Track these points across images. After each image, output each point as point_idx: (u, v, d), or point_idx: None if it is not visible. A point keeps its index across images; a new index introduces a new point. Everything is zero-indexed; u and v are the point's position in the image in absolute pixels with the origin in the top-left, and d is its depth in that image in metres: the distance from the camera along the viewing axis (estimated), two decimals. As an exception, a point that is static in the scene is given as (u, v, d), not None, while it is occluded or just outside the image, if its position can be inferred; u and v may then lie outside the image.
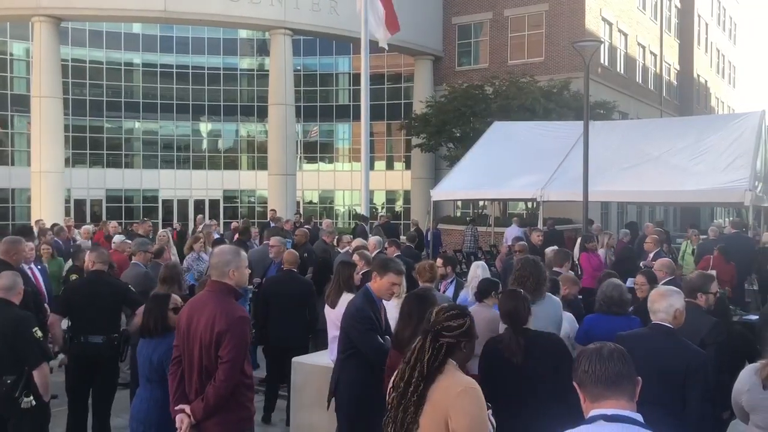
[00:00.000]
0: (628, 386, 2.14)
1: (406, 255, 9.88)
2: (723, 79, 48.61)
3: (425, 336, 3.01)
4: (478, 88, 23.79)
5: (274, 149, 26.90)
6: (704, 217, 31.96)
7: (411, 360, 2.97)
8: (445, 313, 3.04)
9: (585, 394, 2.18)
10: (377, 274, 4.64)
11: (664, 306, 3.95)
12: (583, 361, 2.20)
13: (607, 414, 2.07)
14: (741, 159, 13.46)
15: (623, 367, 2.15)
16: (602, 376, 2.13)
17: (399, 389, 2.96)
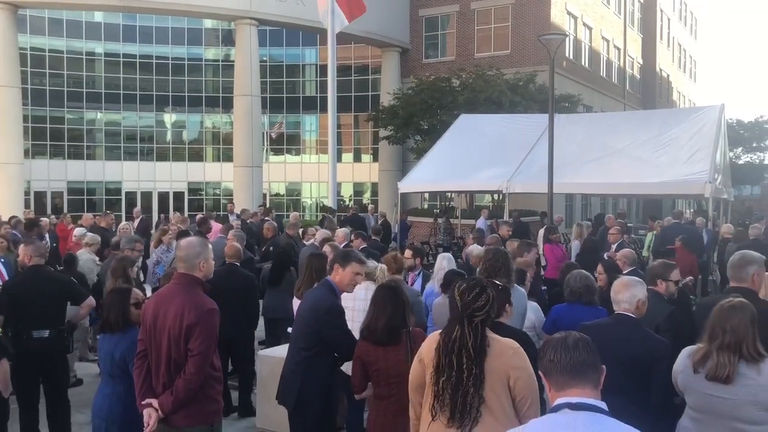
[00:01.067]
0: (593, 375, 2.17)
1: (372, 248, 9.88)
2: (684, 74, 49.54)
3: (460, 323, 3.15)
4: (445, 81, 23.85)
5: (239, 141, 26.64)
6: (666, 208, 32.57)
7: (454, 348, 3.12)
8: (469, 294, 3.18)
9: (550, 382, 2.20)
10: (339, 266, 4.57)
11: (627, 296, 4.02)
12: (549, 350, 2.22)
13: (572, 402, 2.10)
14: (701, 152, 13.74)
15: (588, 356, 2.18)
16: (567, 365, 2.15)
17: (451, 378, 3.10)
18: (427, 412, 3.22)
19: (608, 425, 2.04)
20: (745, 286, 4.27)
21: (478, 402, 3.07)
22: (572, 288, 5.35)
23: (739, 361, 3.22)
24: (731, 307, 3.34)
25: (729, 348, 3.24)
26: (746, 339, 3.22)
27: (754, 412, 3.19)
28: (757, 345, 3.22)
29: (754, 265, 4.37)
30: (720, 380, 3.25)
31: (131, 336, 4.26)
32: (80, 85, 34.00)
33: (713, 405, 3.33)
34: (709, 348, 3.31)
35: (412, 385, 3.43)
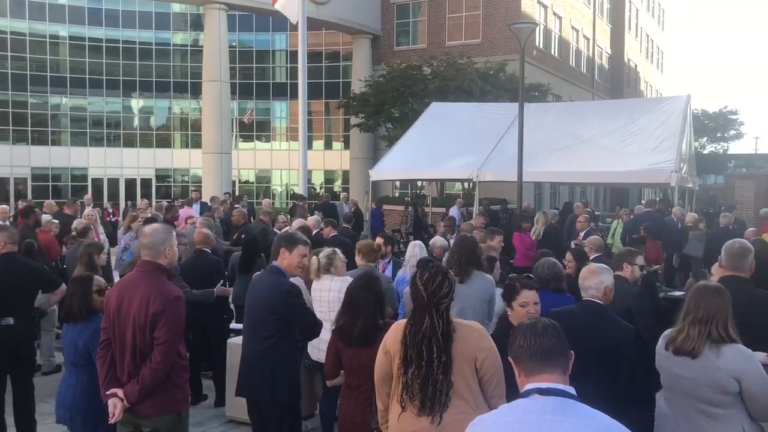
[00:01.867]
0: (561, 361, 2.19)
1: (343, 235, 9.87)
2: (651, 64, 50.20)
3: (428, 312, 3.16)
4: (417, 69, 23.83)
5: (208, 127, 26.32)
6: (632, 197, 33.09)
7: (423, 339, 3.13)
8: (433, 283, 3.19)
9: (520, 368, 2.22)
10: (285, 250, 4.53)
11: (594, 283, 4.07)
12: (518, 336, 2.24)
13: (541, 388, 2.12)
14: (668, 141, 13.95)
15: (557, 342, 2.19)
16: (537, 350, 2.17)
17: (421, 368, 3.11)
18: (396, 403, 3.23)
19: (577, 410, 2.06)
20: (742, 275, 4.34)
21: (447, 388, 3.10)
22: (540, 275, 5.40)
23: (706, 340, 3.29)
24: (712, 288, 3.43)
25: (700, 322, 3.31)
26: (717, 317, 3.29)
27: (711, 394, 3.27)
28: (727, 327, 3.29)
29: (751, 254, 4.46)
30: (686, 353, 3.32)
31: (95, 324, 4.17)
32: (44, 69, 33.24)
33: (678, 384, 3.41)
34: (683, 324, 3.40)
35: (378, 376, 3.42)
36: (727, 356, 3.24)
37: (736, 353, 3.25)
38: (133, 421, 3.79)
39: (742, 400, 3.26)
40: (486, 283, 5.45)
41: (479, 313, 5.36)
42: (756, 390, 3.20)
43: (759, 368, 3.25)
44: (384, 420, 3.40)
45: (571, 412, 2.04)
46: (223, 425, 6.25)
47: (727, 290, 3.41)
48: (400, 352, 3.19)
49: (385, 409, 3.39)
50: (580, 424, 1.99)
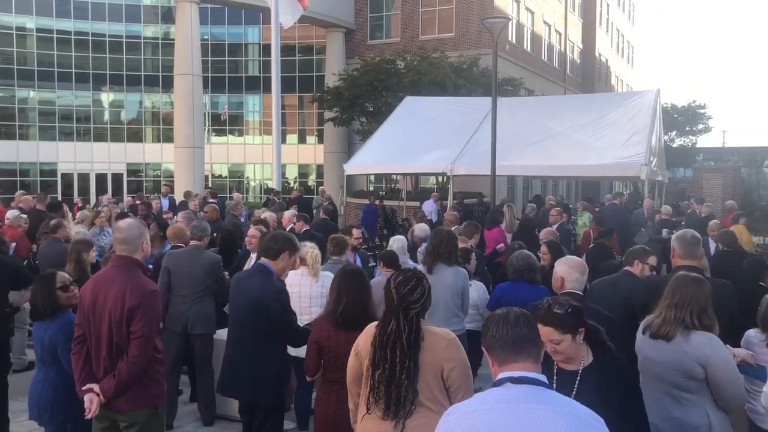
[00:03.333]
0: (533, 349, 2.21)
1: (322, 227, 9.87)
2: (622, 59, 50.77)
3: (396, 316, 3.16)
4: (390, 63, 23.83)
5: (180, 121, 26.05)
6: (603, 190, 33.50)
7: (389, 342, 3.13)
8: (405, 287, 3.19)
9: (493, 358, 2.25)
10: (288, 254, 4.56)
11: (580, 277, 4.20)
12: (491, 326, 2.27)
13: (513, 376, 2.15)
14: (638, 135, 14.18)
15: (528, 331, 2.23)
16: (508, 340, 2.20)
17: (385, 370, 3.12)
18: (363, 404, 3.26)
19: (548, 397, 2.10)
20: (695, 263, 4.45)
21: (412, 395, 3.10)
22: (514, 267, 5.49)
23: (680, 325, 3.39)
24: (692, 277, 3.54)
25: (676, 307, 3.42)
26: (692, 305, 3.39)
27: (678, 378, 3.37)
28: (701, 315, 3.39)
29: (701, 242, 4.60)
30: (661, 337, 3.42)
31: (60, 321, 4.16)
32: (10, 62, 32.54)
33: (650, 367, 3.53)
34: (660, 309, 3.51)
35: (349, 377, 3.44)
36: (694, 342, 3.34)
37: (704, 340, 3.35)
38: (109, 416, 3.78)
39: (708, 387, 3.36)
40: (458, 275, 5.51)
41: (450, 305, 5.43)
42: (720, 378, 3.30)
43: (725, 356, 3.35)
44: (356, 419, 3.44)
45: (543, 399, 2.08)
46: (197, 420, 6.23)
47: (706, 284, 3.50)
48: (370, 354, 3.22)
49: (356, 409, 3.43)
50: (551, 411, 2.03)
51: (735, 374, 3.37)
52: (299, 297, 5.55)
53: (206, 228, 6.54)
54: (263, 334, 4.39)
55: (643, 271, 5.21)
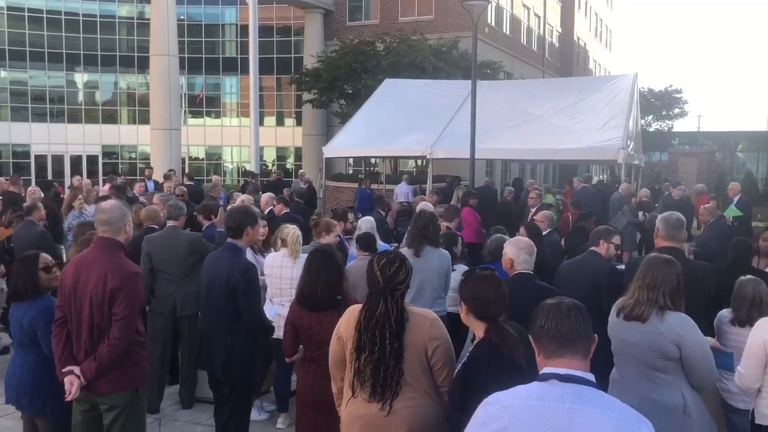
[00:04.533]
0: (583, 344, 2.11)
1: (295, 210, 9.85)
2: (600, 43, 51.01)
3: (383, 298, 3.15)
4: (369, 45, 23.69)
5: (156, 102, 25.72)
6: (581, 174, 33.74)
7: (377, 325, 3.13)
8: (390, 268, 3.19)
9: (540, 348, 2.15)
10: (250, 227, 4.63)
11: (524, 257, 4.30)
12: (540, 315, 2.16)
13: (560, 374, 2.06)
14: (615, 119, 14.28)
15: (580, 325, 2.11)
16: (557, 333, 2.10)
17: (373, 354, 3.12)
18: (348, 388, 3.26)
19: (595, 399, 2.02)
20: (677, 246, 4.52)
21: (398, 375, 3.12)
22: (490, 249, 5.57)
23: (653, 306, 3.45)
24: (662, 259, 3.59)
25: (648, 288, 3.48)
26: (663, 285, 3.45)
27: (654, 358, 3.43)
28: (673, 295, 3.45)
29: (685, 226, 4.67)
30: (635, 318, 3.48)
31: (41, 303, 4.10)
32: (-20, 41, 31.86)
33: (626, 349, 3.57)
34: (633, 291, 3.56)
35: (332, 360, 3.45)
36: (669, 322, 3.41)
37: (678, 320, 3.41)
38: (89, 398, 3.76)
39: (682, 367, 3.42)
40: (442, 257, 5.55)
41: (437, 287, 5.47)
42: (694, 357, 3.36)
43: (699, 337, 3.41)
44: (340, 402, 3.44)
45: (590, 401, 1.99)
46: (176, 403, 6.22)
47: (675, 264, 3.56)
48: (354, 338, 3.21)
49: (339, 392, 3.44)
50: (597, 414, 1.95)
51: (708, 354, 3.43)
52: (280, 278, 5.54)
53: (182, 207, 6.45)
54: (233, 311, 4.46)
55: (608, 250, 5.35)
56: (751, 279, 4.23)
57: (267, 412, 5.99)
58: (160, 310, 5.97)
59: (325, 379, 3.68)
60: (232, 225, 4.60)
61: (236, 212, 4.73)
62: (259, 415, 5.91)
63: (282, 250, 5.62)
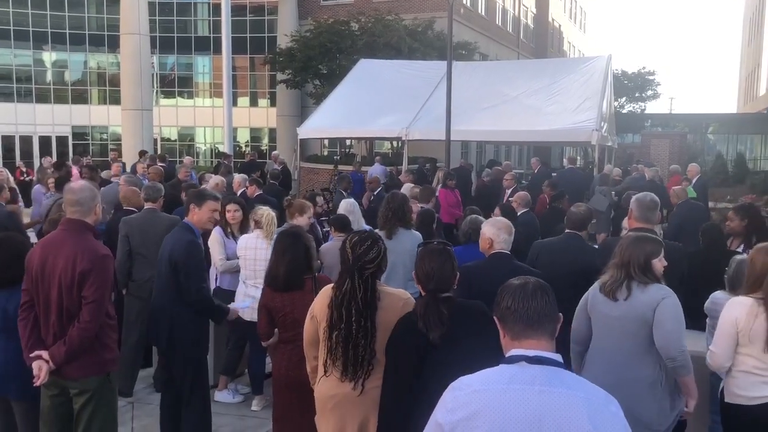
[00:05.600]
0: (550, 325, 2.09)
1: (269, 192, 9.76)
2: (575, 24, 51.15)
3: (351, 275, 3.15)
4: (344, 24, 23.48)
5: (127, 82, 25.30)
6: (554, 155, 33.98)
7: (343, 301, 3.13)
8: (360, 247, 3.17)
9: (506, 330, 2.12)
10: (195, 206, 4.59)
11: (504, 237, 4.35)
12: (506, 296, 2.13)
13: (528, 355, 2.03)
14: (589, 101, 14.37)
15: (546, 306, 2.10)
16: (524, 314, 2.07)
17: (341, 330, 3.12)
18: (322, 367, 3.26)
19: (565, 380, 2.00)
20: (651, 226, 4.55)
21: (370, 355, 3.11)
22: (463, 230, 5.58)
23: (632, 281, 3.52)
24: (633, 237, 3.69)
25: (623, 265, 3.55)
26: (633, 261, 3.52)
27: (637, 329, 3.49)
28: (645, 270, 3.51)
29: (658, 207, 4.70)
30: (611, 295, 3.55)
31: None
32: (-56, 18, 30.96)
33: (608, 324, 3.63)
34: (610, 269, 3.64)
35: (306, 339, 3.43)
36: (650, 291, 3.49)
37: (658, 289, 3.49)
38: (59, 383, 3.68)
39: None
40: (414, 238, 5.53)
41: (409, 269, 5.45)
42: (664, 317, 3.41)
43: (675, 302, 3.46)
44: (313, 381, 3.44)
45: (560, 382, 1.98)
46: (150, 386, 6.16)
47: (647, 239, 3.62)
48: (327, 316, 3.21)
49: (314, 372, 3.44)
50: (568, 395, 1.95)
51: (679, 317, 3.46)
52: (254, 260, 5.48)
53: (160, 189, 6.34)
54: (176, 286, 4.49)
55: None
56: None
57: (242, 395, 5.96)
58: (139, 294, 5.83)
59: (300, 360, 3.68)
60: (185, 205, 4.67)
61: (188, 193, 4.78)
62: (234, 398, 5.89)
63: (256, 232, 5.56)
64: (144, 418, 5.55)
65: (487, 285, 3.76)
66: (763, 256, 3.55)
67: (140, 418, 5.59)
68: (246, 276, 5.56)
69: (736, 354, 3.57)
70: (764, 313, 3.44)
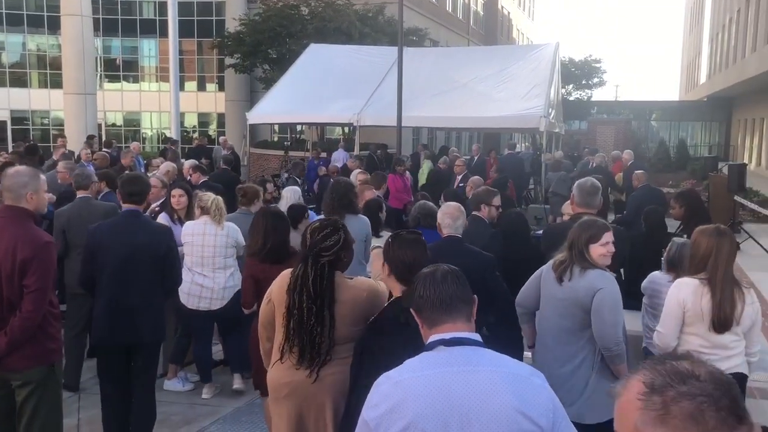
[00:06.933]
0: (465, 307, 2.09)
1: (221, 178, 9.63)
2: (523, 12, 51.71)
3: (305, 260, 3.13)
4: (294, 9, 23.20)
5: (69, 66, 24.50)
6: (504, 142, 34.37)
7: (297, 286, 3.12)
8: (319, 234, 3.16)
9: (422, 319, 2.11)
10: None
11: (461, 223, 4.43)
12: (418, 285, 2.14)
13: (445, 338, 2.01)
14: (537, 88, 14.56)
15: (457, 289, 2.10)
16: (437, 300, 2.07)
17: (295, 316, 3.11)
18: (277, 352, 3.24)
19: (485, 357, 1.99)
20: (592, 211, 4.61)
21: (327, 344, 3.10)
22: (413, 215, 5.62)
23: (574, 265, 3.60)
24: (578, 222, 3.78)
25: (569, 248, 3.65)
26: (575, 244, 3.61)
27: (576, 312, 3.57)
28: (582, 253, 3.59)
29: (600, 191, 4.77)
30: (561, 275, 3.63)
31: None
32: None
33: (552, 304, 3.73)
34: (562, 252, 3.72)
35: (261, 321, 3.42)
36: (589, 277, 3.56)
37: (598, 276, 3.56)
38: (1, 375, 3.58)
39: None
40: (361, 223, 5.55)
41: (359, 253, 5.48)
42: (602, 307, 3.49)
43: (614, 288, 3.56)
44: (266, 363, 3.44)
45: (479, 360, 1.97)
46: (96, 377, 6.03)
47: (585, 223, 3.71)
48: (286, 301, 3.19)
49: (266, 355, 3.43)
50: (490, 371, 1.94)
51: (617, 308, 3.54)
52: (201, 246, 5.40)
53: (89, 175, 6.06)
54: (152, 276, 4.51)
55: (490, 213, 5.44)
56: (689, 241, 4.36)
57: (192, 383, 5.90)
58: (78, 290, 5.59)
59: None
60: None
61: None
62: (184, 387, 5.82)
63: (203, 218, 5.47)
64: (91, 409, 5.44)
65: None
66: (706, 238, 3.65)
67: (87, 408, 5.47)
68: (192, 263, 5.45)
69: (681, 334, 3.68)
70: (709, 293, 3.55)
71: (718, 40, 36.72)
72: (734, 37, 31.00)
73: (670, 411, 1.14)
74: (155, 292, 4.43)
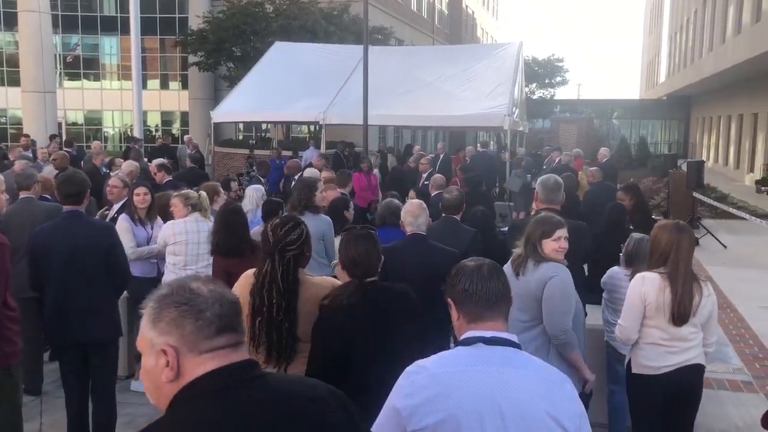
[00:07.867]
0: (505, 306, 2.10)
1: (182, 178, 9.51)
2: (488, 11, 52.13)
3: (271, 257, 3.12)
4: (258, 6, 23.05)
5: (27, 63, 23.96)
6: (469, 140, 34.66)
7: (265, 283, 3.10)
8: (281, 229, 3.15)
9: (462, 313, 2.09)
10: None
11: (424, 219, 4.48)
12: (462, 278, 2.10)
13: (486, 336, 2.02)
14: (502, 87, 14.72)
15: (503, 287, 2.10)
16: (484, 296, 2.06)
17: (263, 314, 3.09)
18: None
19: (523, 360, 2.01)
20: (555, 207, 4.69)
21: (293, 341, 3.10)
22: (379, 213, 5.65)
23: (528, 259, 3.66)
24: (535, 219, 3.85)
25: (524, 243, 3.70)
26: (530, 239, 3.68)
27: (530, 303, 3.62)
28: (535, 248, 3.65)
29: (562, 188, 4.85)
30: (515, 270, 3.67)
31: None
32: None
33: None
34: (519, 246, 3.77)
35: None
36: (542, 269, 3.61)
37: (550, 267, 3.62)
38: (-44, 380, 3.50)
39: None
40: (321, 222, 5.55)
41: (317, 251, 5.48)
42: (551, 294, 3.55)
43: (566, 276, 3.62)
44: None
45: (518, 363, 1.99)
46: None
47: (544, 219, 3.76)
48: (249, 303, 3.15)
49: None
50: (526, 375, 1.96)
51: (565, 296, 3.58)
52: (197, 244, 5.33)
53: (32, 175, 5.91)
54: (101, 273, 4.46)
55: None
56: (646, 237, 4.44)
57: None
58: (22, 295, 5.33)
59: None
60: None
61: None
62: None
63: (194, 215, 5.41)
64: (53, 413, 5.34)
65: (397, 264, 3.95)
66: (667, 233, 3.70)
67: (49, 412, 5.37)
68: (187, 262, 5.32)
69: (642, 327, 3.75)
70: (669, 287, 3.62)
71: (676, 41, 37.52)
72: (692, 37, 31.73)
73: (161, 316, 1.44)
74: (103, 291, 4.35)
